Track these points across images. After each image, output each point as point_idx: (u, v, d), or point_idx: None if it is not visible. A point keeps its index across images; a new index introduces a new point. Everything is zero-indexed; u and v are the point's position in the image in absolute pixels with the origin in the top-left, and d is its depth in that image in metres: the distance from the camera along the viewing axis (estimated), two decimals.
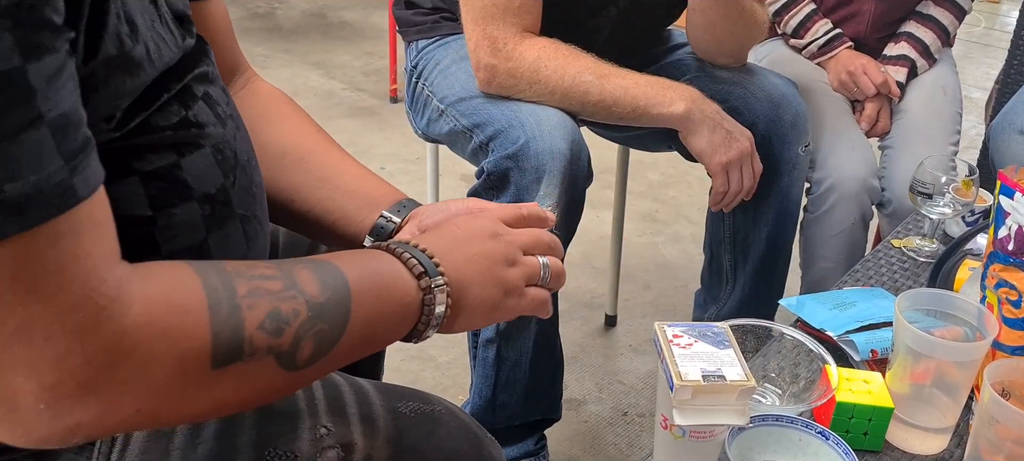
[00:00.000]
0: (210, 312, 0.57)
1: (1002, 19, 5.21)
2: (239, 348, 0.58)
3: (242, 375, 0.59)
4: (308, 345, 0.62)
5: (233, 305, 0.58)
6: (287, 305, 0.61)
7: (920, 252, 1.40)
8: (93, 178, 0.53)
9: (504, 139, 1.30)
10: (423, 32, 1.56)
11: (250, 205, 0.75)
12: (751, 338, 1.08)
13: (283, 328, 0.60)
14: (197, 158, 0.68)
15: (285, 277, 0.63)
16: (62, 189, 0.50)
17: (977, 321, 0.96)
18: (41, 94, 0.49)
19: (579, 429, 1.83)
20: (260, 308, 0.60)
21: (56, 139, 0.50)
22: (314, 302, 0.63)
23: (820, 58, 1.91)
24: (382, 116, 3.36)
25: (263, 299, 0.60)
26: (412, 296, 0.70)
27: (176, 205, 0.66)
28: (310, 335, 0.62)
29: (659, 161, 2.97)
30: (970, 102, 3.63)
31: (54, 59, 0.51)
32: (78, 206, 0.51)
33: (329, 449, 0.76)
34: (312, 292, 0.63)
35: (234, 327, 0.58)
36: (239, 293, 0.59)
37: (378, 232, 0.90)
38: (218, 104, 0.72)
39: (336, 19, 4.52)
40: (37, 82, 0.49)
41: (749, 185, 1.43)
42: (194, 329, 0.56)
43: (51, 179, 0.50)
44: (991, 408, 0.86)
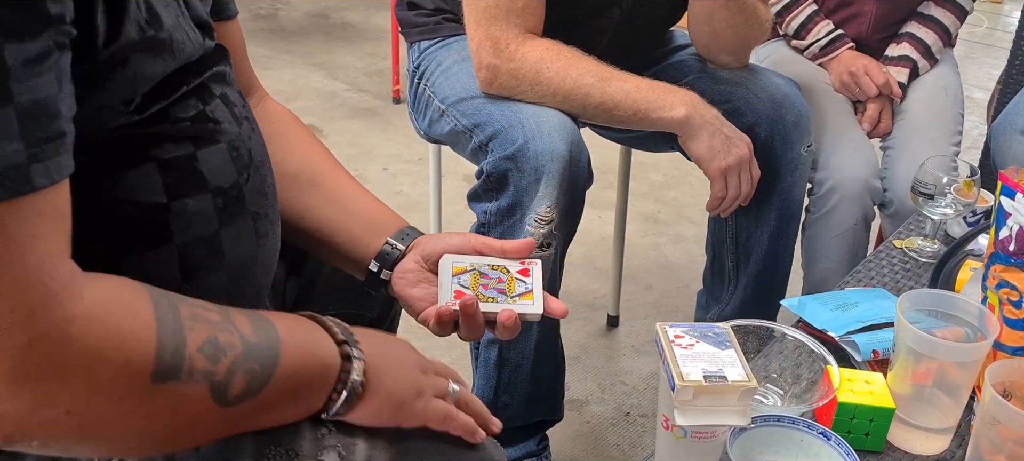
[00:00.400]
0: (157, 322, 0.57)
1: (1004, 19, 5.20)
2: (179, 365, 0.58)
3: (177, 397, 0.59)
4: (240, 381, 0.63)
5: (177, 322, 0.59)
6: (224, 336, 0.62)
7: (922, 253, 1.40)
8: (55, 170, 0.53)
9: (503, 139, 1.30)
10: (425, 33, 1.57)
11: (262, 204, 0.77)
12: (753, 339, 1.08)
13: (219, 357, 0.61)
14: (213, 152, 0.69)
15: (222, 313, 0.63)
16: (18, 173, 0.50)
17: (978, 322, 0.97)
18: (13, 75, 0.50)
19: (581, 430, 1.83)
20: (201, 332, 0.60)
21: (21, 123, 0.50)
22: (248, 341, 0.64)
23: (822, 59, 1.91)
24: (385, 117, 3.36)
25: (203, 324, 0.61)
26: (332, 360, 0.71)
27: (191, 195, 0.68)
28: (242, 371, 0.63)
29: (661, 162, 2.97)
30: (972, 102, 3.63)
31: (37, 46, 0.51)
32: (34, 194, 0.51)
33: (330, 448, 0.76)
34: (246, 332, 0.64)
35: (177, 343, 0.58)
36: (183, 313, 0.60)
37: (383, 258, 0.93)
38: (235, 105, 0.75)
39: (339, 20, 4.53)
40: (13, 62, 0.50)
41: (747, 191, 1.43)
42: (142, 334, 0.56)
43: (7, 159, 0.50)
44: (992, 408, 0.86)
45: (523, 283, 0.93)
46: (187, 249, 0.68)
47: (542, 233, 1.27)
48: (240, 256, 0.74)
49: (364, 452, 0.77)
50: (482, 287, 0.91)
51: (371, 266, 0.94)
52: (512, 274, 0.93)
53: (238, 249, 0.73)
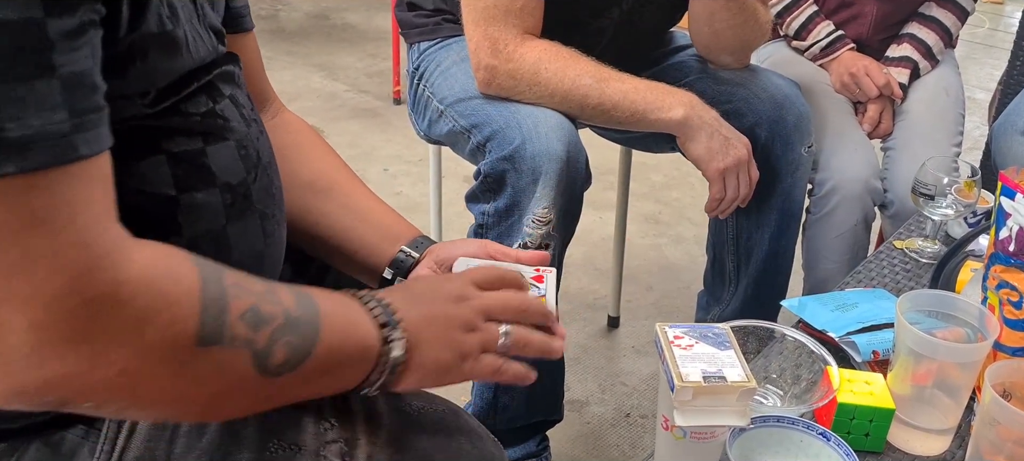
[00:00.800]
0: (202, 288, 0.58)
1: (1006, 20, 5.20)
2: (221, 331, 0.59)
3: (221, 361, 0.60)
4: (281, 351, 0.63)
5: (221, 289, 0.60)
6: (267, 307, 0.63)
7: (922, 253, 1.40)
8: (96, 142, 0.55)
9: (501, 140, 1.30)
10: (425, 34, 1.57)
11: (269, 204, 0.78)
12: (753, 339, 1.08)
13: (261, 326, 0.62)
14: (222, 149, 0.71)
15: (266, 285, 0.65)
16: (65, 142, 0.52)
17: (978, 322, 0.97)
18: (57, 48, 0.52)
19: (582, 430, 1.83)
20: (244, 300, 0.61)
21: (65, 93, 0.52)
22: (289, 314, 0.64)
23: (822, 60, 1.91)
24: (385, 118, 3.36)
25: (247, 294, 0.62)
26: (373, 340, 0.71)
27: (199, 190, 0.69)
28: (283, 342, 0.63)
29: (662, 163, 2.97)
30: (973, 103, 3.63)
31: (74, 21, 0.53)
32: (80, 162, 0.53)
33: (332, 443, 0.76)
34: (289, 305, 0.65)
35: (220, 309, 0.59)
36: (227, 281, 0.61)
37: (397, 265, 0.95)
38: (243, 107, 0.76)
39: (339, 21, 4.53)
40: (55, 35, 0.51)
41: (745, 192, 1.42)
42: (187, 298, 0.58)
43: (54, 128, 0.51)
44: (992, 409, 0.86)
45: (537, 288, 0.92)
46: (195, 242, 0.69)
47: (540, 234, 1.27)
48: (247, 253, 0.75)
49: (366, 448, 0.78)
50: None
51: (385, 273, 0.95)
52: (526, 279, 0.93)
53: (245, 245, 0.74)
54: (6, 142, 0.50)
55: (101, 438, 0.71)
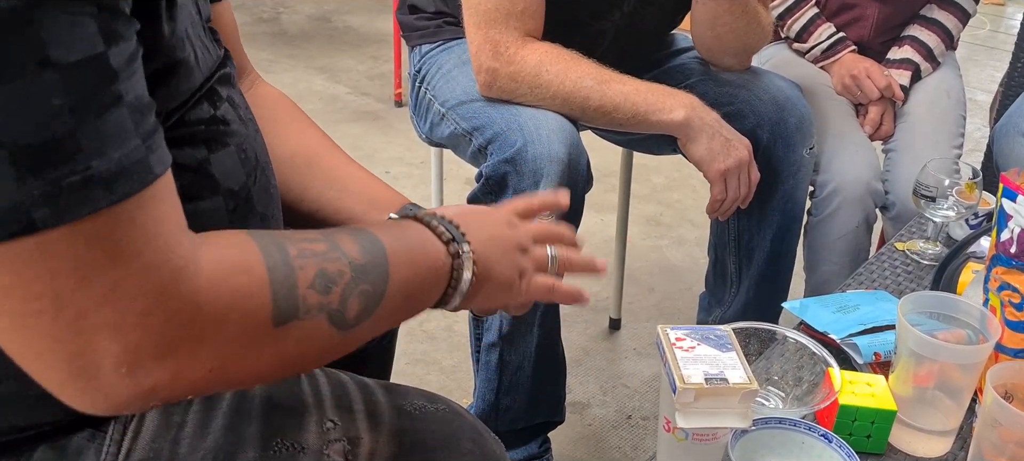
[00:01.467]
0: (269, 273, 0.60)
1: (1007, 21, 5.20)
2: (295, 306, 0.61)
3: (300, 333, 0.62)
4: (355, 303, 0.65)
5: (288, 266, 0.61)
6: (332, 265, 0.64)
7: (923, 255, 1.40)
8: (165, 157, 0.56)
9: (502, 142, 1.30)
10: (426, 37, 1.57)
11: (268, 204, 0.78)
12: (754, 341, 1.08)
13: (331, 287, 0.63)
14: (224, 155, 0.71)
15: (328, 240, 0.66)
16: (142, 165, 0.53)
17: (980, 324, 0.97)
18: (121, 77, 0.52)
19: (583, 432, 1.83)
20: (309, 269, 0.62)
21: (134, 119, 0.53)
22: (356, 264, 0.66)
23: (823, 62, 1.91)
24: (386, 120, 3.37)
25: (311, 260, 0.63)
26: (442, 261, 0.74)
27: (204, 198, 0.69)
28: (356, 293, 0.65)
29: (663, 164, 2.97)
30: (975, 105, 3.63)
31: (128, 46, 0.54)
32: (156, 181, 0.54)
33: (335, 442, 0.77)
34: (354, 254, 0.66)
35: (289, 287, 0.61)
36: (291, 254, 0.62)
37: None
38: (239, 107, 0.76)
39: (341, 24, 4.53)
40: (118, 65, 0.52)
41: (746, 193, 1.43)
42: (256, 288, 0.59)
43: (132, 156, 0.53)
44: (994, 411, 0.86)
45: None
46: None
47: None
48: None
49: (368, 447, 0.78)
50: None
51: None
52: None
53: None
54: (95, 179, 0.50)
55: (107, 440, 0.71)
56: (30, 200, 0.49)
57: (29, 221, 0.49)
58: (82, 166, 0.50)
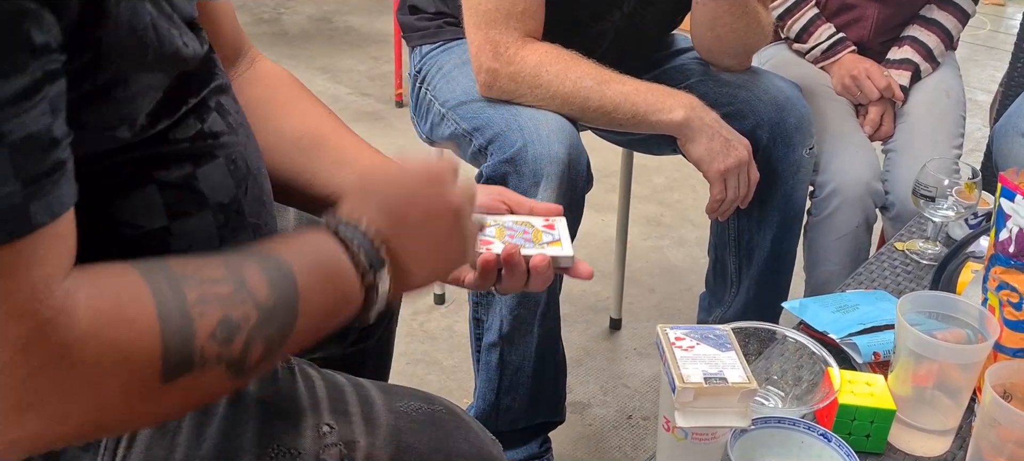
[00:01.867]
0: (160, 322, 0.55)
1: (1007, 22, 5.20)
2: (190, 360, 0.56)
3: (191, 385, 0.57)
4: (257, 349, 0.60)
5: (184, 314, 0.56)
6: (237, 310, 0.59)
7: (923, 255, 1.40)
8: (57, 204, 0.52)
9: (502, 143, 1.30)
10: (427, 37, 1.57)
11: (261, 213, 0.76)
12: (754, 340, 1.08)
13: (234, 336, 0.58)
14: (212, 169, 0.68)
15: (234, 278, 0.60)
16: (17, 213, 0.49)
17: (979, 323, 0.97)
18: (3, 114, 0.48)
19: (584, 432, 1.83)
20: (211, 315, 0.57)
21: (14, 161, 0.49)
22: (263, 305, 0.60)
23: (823, 62, 1.91)
24: (387, 121, 3.37)
25: (213, 305, 0.58)
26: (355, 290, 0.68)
27: (192, 215, 0.67)
28: (260, 339, 0.60)
29: (663, 165, 2.97)
30: (975, 105, 3.62)
31: (24, 79, 0.49)
32: (33, 232, 0.50)
33: (332, 447, 0.76)
34: (261, 295, 0.60)
35: (185, 338, 0.56)
36: (189, 300, 0.57)
37: None
38: (229, 113, 0.73)
39: (342, 24, 4.53)
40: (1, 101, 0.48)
41: (745, 193, 1.43)
42: (143, 342, 0.54)
43: (5, 202, 0.48)
44: (993, 410, 0.87)
45: (549, 234, 0.92)
46: None
47: None
48: None
49: (364, 450, 0.78)
50: (508, 237, 0.90)
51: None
52: (537, 227, 0.93)
53: None
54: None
55: (101, 448, 0.71)
56: None
57: None
58: None
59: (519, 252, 0.87)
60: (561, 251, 0.90)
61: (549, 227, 0.94)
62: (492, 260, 0.87)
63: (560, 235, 0.93)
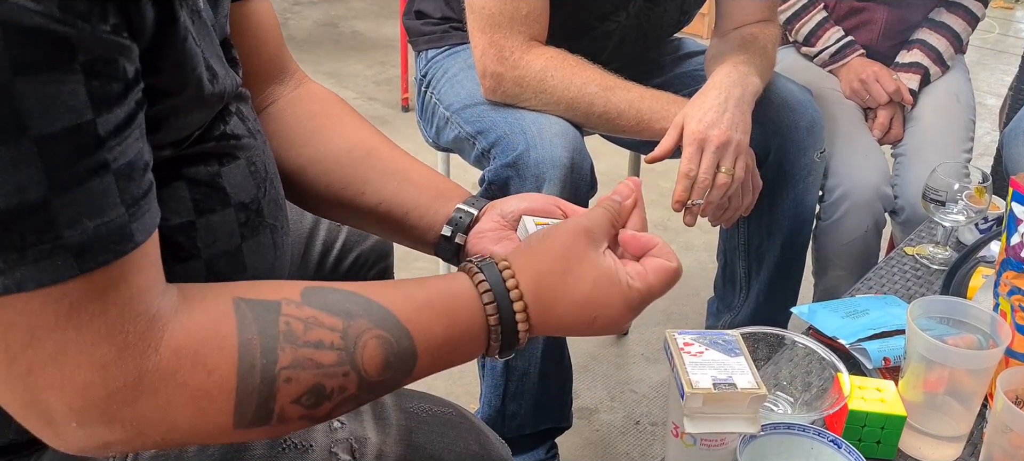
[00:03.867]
0: (238, 379, 0.57)
1: (1016, 25, 5.18)
2: (268, 415, 0.59)
3: (270, 430, 0.60)
4: (344, 408, 0.63)
5: (268, 376, 0.58)
6: (333, 381, 0.60)
7: (933, 259, 1.39)
8: (151, 222, 0.55)
9: (505, 146, 1.29)
10: (432, 42, 1.57)
11: (277, 215, 0.77)
12: (763, 346, 1.08)
13: (322, 402, 0.60)
14: (234, 168, 0.71)
15: (345, 349, 0.60)
16: (121, 235, 0.53)
17: (990, 329, 0.96)
18: (109, 144, 0.52)
19: (591, 438, 1.82)
20: (301, 382, 0.59)
21: (119, 186, 0.52)
22: (368, 381, 0.62)
23: (832, 66, 1.90)
24: (394, 125, 3.37)
25: (307, 373, 0.59)
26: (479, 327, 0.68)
27: (216, 211, 0.69)
28: (351, 403, 0.62)
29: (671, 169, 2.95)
30: (984, 109, 3.61)
31: (123, 109, 0.53)
32: (135, 250, 0.53)
33: (342, 442, 0.77)
34: (371, 372, 0.62)
35: (264, 398, 0.58)
36: (280, 363, 0.58)
37: (455, 223, 0.88)
38: (248, 119, 0.76)
39: (348, 29, 4.54)
40: (106, 132, 0.51)
41: (749, 201, 1.39)
42: (217, 392, 0.57)
43: (112, 225, 0.52)
44: (1005, 416, 0.86)
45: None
46: (212, 263, 0.69)
47: None
48: (260, 268, 0.74)
49: (375, 447, 0.78)
50: None
51: (444, 231, 0.88)
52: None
53: (259, 262, 0.74)
54: (65, 248, 0.50)
55: None
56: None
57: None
58: (51, 235, 0.49)
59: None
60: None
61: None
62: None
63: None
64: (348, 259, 1.08)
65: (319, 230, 1.07)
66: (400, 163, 0.92)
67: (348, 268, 1.08)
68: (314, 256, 1.06)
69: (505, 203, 0.91)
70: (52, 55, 0.48)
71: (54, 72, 0.49)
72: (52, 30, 0.48)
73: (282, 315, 0.59)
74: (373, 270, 1.11)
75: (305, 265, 1.05)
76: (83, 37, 0.49)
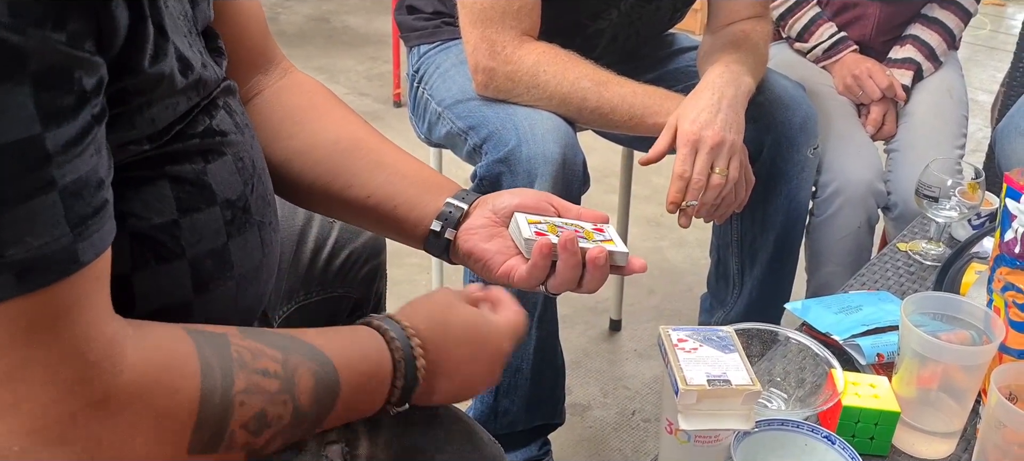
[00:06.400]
0: (201, 400, 0.57)
1: (1008, 22, 5.20)
2: (219, 439, 0.59)
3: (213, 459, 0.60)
4: (277, 443, 0.64)
5: (227, 398, 0.59)
6: (275, 409, 0.62)
7: (926, 255, 1.39)
8: (100, 242, 0.54)
9: (497, 141, 1.29)
10: (424, 37, 1.56)
11: (265, 212, 0.76)
12: (756, 342, 1.08)
13: (263, 430, 0.62)
14: (220, 165, 0.69)
15: (285, 378, 0.63)
16: (66, 255, 0.51)
17: (984, 325, 0.96)
18: (57, 160, 0.50)
19: (584, 434, 1.82)
20: (250, 407, 0.60)
21: (66, 205, 0.51)
22: (300, 412, 0.64)
23: (825, 62, 1.90)
24: (386, 121, 3.36)
25: (256, 398, 0.61)
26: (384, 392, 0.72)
27: (201, 209, 0.67)
28: (284, 436, 0.64)
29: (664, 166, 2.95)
30: (976, 105, 3.62)
31: (76, 126, 0.51)
32: (80, 270, 0.52)
33: (333, 443, 0.76)
34: (303, 402, 0.64)
35: (220, 420, 0.59)
36: (236, 386, 0.59)
37: (445, 217, 0.88)
38: (236, 113, 0.74)
39: (339, 24, 4.53)
40: (53, 149, 0.49)
41: (742, 197, 1.39)
42: (180, 413, 0.57)
43: (55, 244, 0.50)
44: (998, 412, 0.86)
45: (600, 235, 0.91)
46: (198, 262, 0.68)
47: None
48: (248, 266, 0.74)
49: (367, 448, 0.77)
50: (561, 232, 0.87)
51: (433, 225, 0.88)
52: (588, 229, 0.91)
53: (246, 259, 0.73)
54: (6, 266, 0.48)
55: None
56: None
57: None
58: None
59: (577, 241, 0.85)
60: (616, 247, 0.89)
61: (599, 230, 0.92)
62: (548, 248, 0.84)
63: (611, 235, 0.92)
64: (340, 257, 1.07)
65: (311, 228, 1.06)
66: (388, 155, 0.91)
67: (340, 266, 1.07)
68: (306, 254, 1.05)
69: (498, 198, 0.90)
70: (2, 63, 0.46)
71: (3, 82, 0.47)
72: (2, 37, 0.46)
73: (232, 345, 0.61)
74: (366, 267, 1.10)
75: (297, 263, 1.04)
76: (33, 46, 0.47)
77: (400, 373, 0.72)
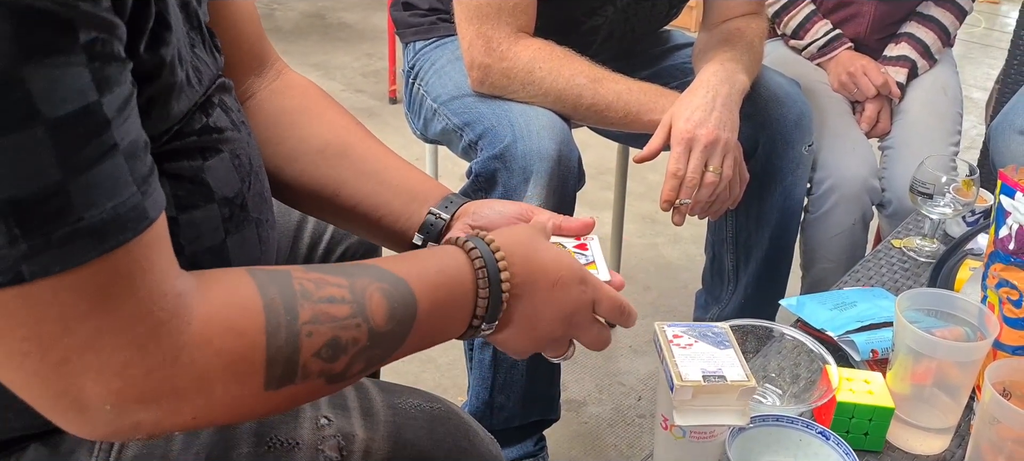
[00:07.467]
0: (267, 337, 0.59)
1: (1002, 19, 5.20)
2: (293, 372, 0.60)
3: (294, 391, 0.61)
4: (358, 366, 0.64)
5: (292, 332, 0.60)
6: (348, 333, 0.62)
7: (921, 252, 1.40)
8: (161, 199, 0.56)
9: (492, 138, 1.29)
10: (420, 33, 1.56)
11: (263, 209, 0.77)
12: (751, 338, 1.08)
13: (339, 355, 0.62)
14: (218, 163, 0.70)
15: (354, 301, 0.63)
16: (137, 213, 0.53)
17: (978, 321, 0.96)
18: (115, 124, 0.52)
19: (579, 430, 1.82)
20: (320, 336, 0.61)
21: (129, 165, 0.53)
22: (377, 332, 0.64)
23: (820, 59, 1.90)
24: (381, 117, 3.36)
25: (325, 327, 0.61)
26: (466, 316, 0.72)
27: (199, 207, 0.68)
28: (363, 358, 0.64)
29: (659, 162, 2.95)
30: (970, 102, 3.62)
31: (122, 90, 0.53)
32: (150, 226, 0.54)
33: (330, 439, 0.76)
34: (378, 322, 0.64)
35: (289, 354, 0.59)
36: (301, 319, 0.60)
37: (427, 229, 0.89)
38: (232, 110, 0.75)
39: (335, 20, 4.52)
40: (111, 113, 0.51)
41: (737, 194, 1.39)
42: (250, 354, 0.58)
43: (127, 203, 0.52)
44: (992, 408, 0.86)
45: (583, 256, 0.89)
46: (196, 259, 0.68)
47: None
48: (246, 263, 0.73)
49: (363, 443, 0.77)
50: None
51: (415, 239, 0.89)
52: (569, 249, 0.89)
53: (244, 257, 0.73)
54: (85, 231, 0.50)
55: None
56: (18, 254, 0.49)
57: (16, 274, 0.49)
58: (72, 218, 0.50)
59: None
60: (597, 272, 0.87)
61: (581, 248, 0.90)
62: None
63: (594, 256, 0.89)
64: (336, 253, 1.07)
65: (307, 223, 1.06)
66: (376, 163, 0.91)
67: (336, 261, 1.07)
68: (302, 250, 1.05)
69: (478, 210, 0.90)
70: (57, 37, 0.48)
71: (60, 55, 0.48)
72: (55, 12, 0.48)
73: (294, 278, 0.62)
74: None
75: (293, 258, 1.04)
76: (83, 17, 0.49)
77: (483, 284, 0.71)
